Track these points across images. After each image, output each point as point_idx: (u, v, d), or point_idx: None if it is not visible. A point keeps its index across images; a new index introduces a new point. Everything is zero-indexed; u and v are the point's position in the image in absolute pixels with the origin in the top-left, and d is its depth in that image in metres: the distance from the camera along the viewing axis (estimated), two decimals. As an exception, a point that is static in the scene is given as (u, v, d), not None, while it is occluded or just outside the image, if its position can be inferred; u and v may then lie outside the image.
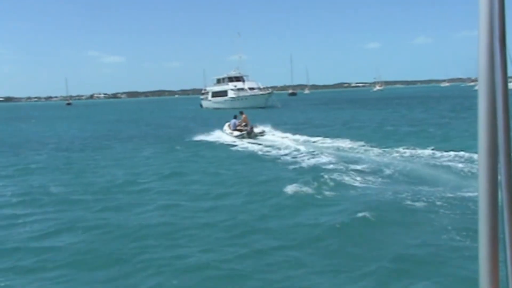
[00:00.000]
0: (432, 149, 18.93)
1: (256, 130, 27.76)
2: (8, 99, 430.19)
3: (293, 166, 17.48)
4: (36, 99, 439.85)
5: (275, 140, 25.91)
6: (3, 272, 8.22)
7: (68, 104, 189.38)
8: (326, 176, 14.72)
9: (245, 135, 26.94)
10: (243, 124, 28.17)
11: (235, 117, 28.99)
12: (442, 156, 17.40)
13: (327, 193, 12.93)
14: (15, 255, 9.05)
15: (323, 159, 18.43)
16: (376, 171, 15.38)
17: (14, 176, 18.20)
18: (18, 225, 11.12)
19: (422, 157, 17.82)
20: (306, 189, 13.26)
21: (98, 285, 7.63)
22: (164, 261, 8.40)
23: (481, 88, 0.98)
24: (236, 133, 27.56)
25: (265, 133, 27.74)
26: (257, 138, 26.61)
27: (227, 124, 29.59)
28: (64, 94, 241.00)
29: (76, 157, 23.38)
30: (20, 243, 9.72)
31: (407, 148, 19.71)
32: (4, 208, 12.96)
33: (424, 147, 19.58)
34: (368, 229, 9.78)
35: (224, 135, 28.38)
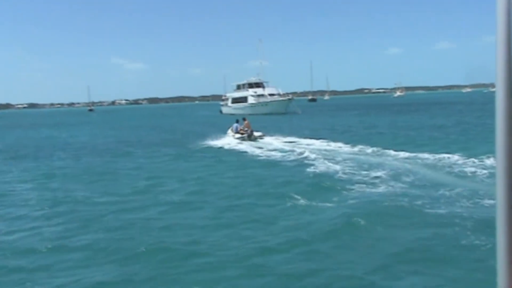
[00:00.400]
0: (452, 155, 18.74)
1: (256, 133, 29.89)
2: (32, 106, 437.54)
3: (310, 170, 17.49)
4: (59, 105, 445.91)
5: (287, 145, 26.24)
6: (28, 270, 8.52)
7: (90, 110, 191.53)
8: (343, 181, 14.73)
9: (245, 138, 29.21)
10: (245, 129, 30.18)
11: (237, 122, 31.16)
12: (464, 163, 17.16)
13: (343, 196, 12.95)
14: (40, 254, 9.33)
15: (342, 164, 18.37)
16: (395, 177, 15.28)
17: (39, 179, 18.67)
18: (43, 227, 11.43)
19: (443, 162, 17.63)
20: (323, 192, 13.36)
21: (120, 279, 7.85)
22: (183, 261, 8.58)
23: (499, 94, 1.00)
24: (238, 135, 29.82)
25: (264, 137, 29.85)
26: (257, 141, 28.72)
27: (230, 128, 31.39)
28: (87, 101, 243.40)
29: (98, 162, 23.85)
30: (44, 242, 9.96)
31: (428, 154, 19.54)
32: (30, 211, 13.28)
33: (445, 153, 19.41)
34: (379, 230, 9.81)
35: (233, 140, 29.47)
